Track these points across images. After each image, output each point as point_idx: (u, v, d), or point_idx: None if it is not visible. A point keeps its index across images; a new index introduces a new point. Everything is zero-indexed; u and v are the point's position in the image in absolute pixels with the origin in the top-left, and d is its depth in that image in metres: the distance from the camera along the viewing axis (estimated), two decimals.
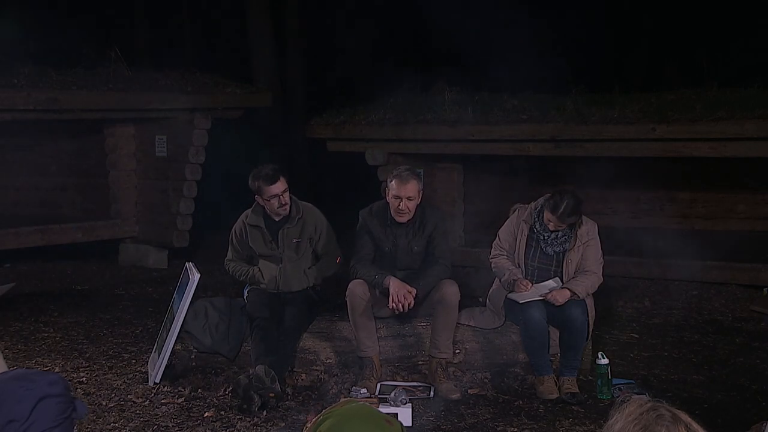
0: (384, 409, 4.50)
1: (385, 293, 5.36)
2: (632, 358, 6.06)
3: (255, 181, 5.63)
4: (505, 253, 5.58)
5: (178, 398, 5.20)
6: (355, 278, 5.44)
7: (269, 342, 5.31)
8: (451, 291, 5.33)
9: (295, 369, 5.51)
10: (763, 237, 9.32)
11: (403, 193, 5.35)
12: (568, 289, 5.34)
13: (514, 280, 5.40)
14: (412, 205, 5.40)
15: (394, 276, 5.35)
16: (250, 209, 5.81)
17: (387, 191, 5.46)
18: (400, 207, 5.37)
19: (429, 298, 5.42)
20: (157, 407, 5.07)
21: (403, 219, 5.42)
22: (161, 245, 9.63)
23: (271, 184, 5.58)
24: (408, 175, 5.39)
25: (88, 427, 4.72)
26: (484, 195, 10.00)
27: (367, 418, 2.85)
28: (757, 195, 9.78)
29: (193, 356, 5.60)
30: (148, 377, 5.51)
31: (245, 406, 4.90)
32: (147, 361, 5.82)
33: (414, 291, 5.27)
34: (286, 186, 5.64)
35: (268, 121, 13.57)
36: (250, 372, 5.05)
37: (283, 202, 5.63)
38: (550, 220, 5.34)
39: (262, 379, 4.92)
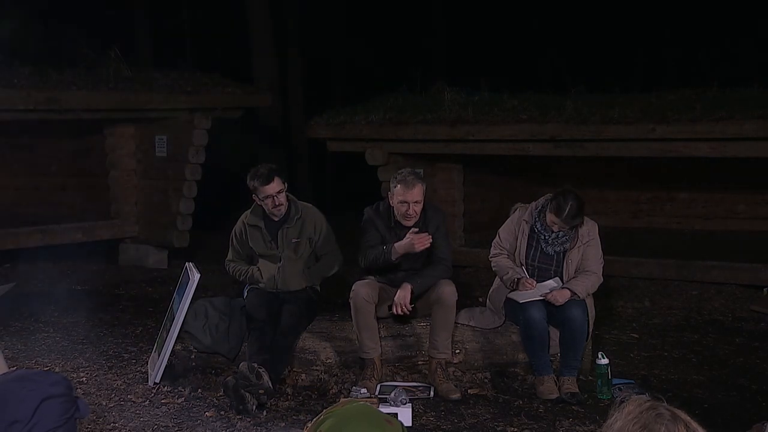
0: (384, 409, 4.50)
1: (382, 288, 5.40)
2: (632, 358, 6.06)
3: (251, 181, 5.65)
4: (506, 253, 5.59)
5: (178, 398, 5.20)
6: (365, 266, 5.48)
7: (264, 341, 5.31)
8: (448, 291, 5.33)
9: (295, 369, 5.51)
10: (763, 237, 9.32)
11: (410, 198, 5.36)
12: (568, 289, 5.34)
13: (517, 278, 5.40)
14: (419, 208, 5.40)
15: (397, 262, 5.38)
16: (250, 210, 5.82)
17: (391, 196, 5.45)
18: (408, 212, 5.37)
19: (426, 299, 5.42)
20: (157, 407, 5.07)
21: (411, 223, 5.43)
22: (161, 245, 9.63)
23: (266, 185, 5.59)
24: (413, 179, 5.39)
25: (88, 427, 4.72)
26: (484, 195, 10.01)
27: (368, 418, 2.84)
28: (757, 195, 9.80)
29: (193, 356, 5.60)
30: (148, 377, 5.51)
31: (241, 407, 4.89)
32: (147, 361, 5.82)
33: (408, 297, 5.30)
34: (282, 187, 5.64)
35: (268, 121, 13.59)
36: (236, 371, 5.06)
37: (278, 203, 5.64)
38: (554, 222, 5.33)
39: (247, 377, 4.92)
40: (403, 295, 5.29)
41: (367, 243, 5.52)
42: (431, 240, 5.31)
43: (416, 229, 5.34)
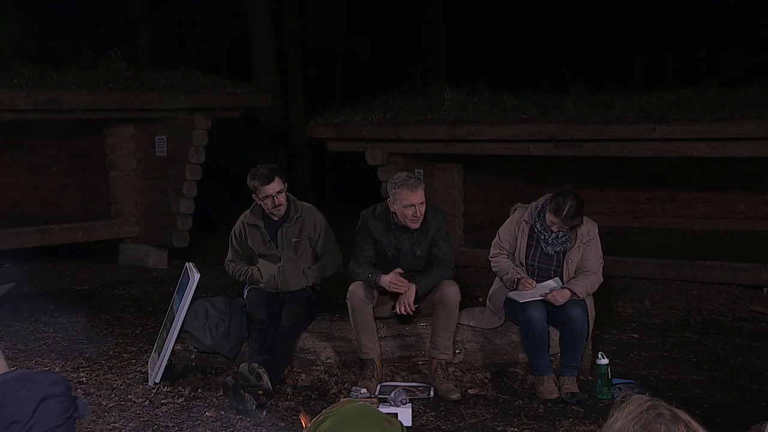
0: (384, 409, 4.50)
1: (381, 291, 5.38)
2: (632, 358, 6.06)
3: (251, 181, 5.64)
4: (506, 253, 5.58)
5: (178, 398, 5.20)
6: (354, 280, 5.45)
7: (264, 342, 5.31)
8: (451, 291, 5.33)
9: (295, 369, 5.51)
10: (763, 237, 9.32)
11: (416, 200, 5.33)
12: (568, 289, 5.34)
13: (518, 278, 5.40)
14: (424, 209, 5.38)
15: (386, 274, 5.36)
16: (249, 209, 5.82)
17: (392, 201, 5.40)
18: (415, 214, 5.35)
19: (429, 299, 5.42)
20: (157, 407, 5.07)
21: (417, 225, 5.40)
22: (161, 245, 9.62)
23: (266, 184, 5.59)
24: (415, 181, 5.37)
25: (88, 427, 4.72)
26: (484, 195, 10.01)
27: (368, 418, 2.84)
28: (757, 195, 9.80)
29: (193, 356, 5.60)
30: (148, 377, 5.51)
31: (240, 407, 4.89)
32: (147, 361, 5.82)
33: (412, 297, 5.29)
34: (282, 186, 5.63)
35: (268, 121, 13.59)
36: (236, 372, 5.06)
37: (278, 203, 5.63)
38: (553, 223, 5.32)
39: (246, 377, 4.92)
40: (407, 295, 5.29)
41: (357, 256, 5.50)
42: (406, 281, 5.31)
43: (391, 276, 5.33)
